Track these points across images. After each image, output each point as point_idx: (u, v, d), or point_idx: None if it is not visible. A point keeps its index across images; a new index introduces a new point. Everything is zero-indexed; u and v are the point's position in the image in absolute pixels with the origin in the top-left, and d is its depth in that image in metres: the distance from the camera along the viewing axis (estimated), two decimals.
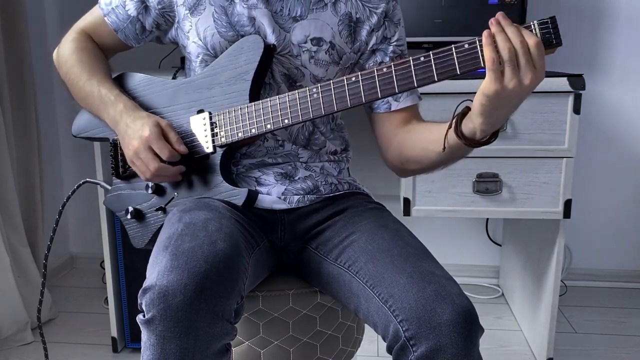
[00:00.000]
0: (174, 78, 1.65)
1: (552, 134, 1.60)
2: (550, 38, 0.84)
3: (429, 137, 1.03)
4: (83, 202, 2.12)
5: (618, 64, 2.18)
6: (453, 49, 0.87)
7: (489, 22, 0.84)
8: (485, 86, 0.86)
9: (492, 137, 0.94)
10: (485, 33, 0.84)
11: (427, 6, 1.85)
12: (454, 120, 0.95)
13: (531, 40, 0.83)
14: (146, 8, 1.12)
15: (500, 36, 0.83)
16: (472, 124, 0.91)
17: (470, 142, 0.94)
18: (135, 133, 1.03)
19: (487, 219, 2.34)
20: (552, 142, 1.61)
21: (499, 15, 0.84)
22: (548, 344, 1.76)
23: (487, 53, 0.84)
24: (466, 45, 0.87)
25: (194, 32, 1.10)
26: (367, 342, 1.50)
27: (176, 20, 1.12)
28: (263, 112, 1.03)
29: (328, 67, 1.10)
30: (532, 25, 0.84)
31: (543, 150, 1.62)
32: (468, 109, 0.93)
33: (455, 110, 0.96)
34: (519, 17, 1.82)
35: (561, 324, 2.07)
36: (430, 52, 0.90)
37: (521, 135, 1.61)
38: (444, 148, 0.97)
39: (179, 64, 1.85)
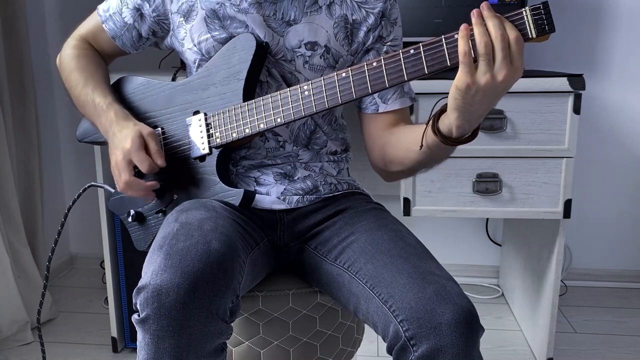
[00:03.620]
0: (173, 78, 1.65)
1: (552, 134, 1.60)
2: (543, 24, 0.81)
3: (410, 137, 1.01)
4: (83, 202, 2.11)
5: (618, 64, 2.17)
6: (443, 39, 0.85)
7: (471, 13, 0.82)
8: (457, 79, 0.84)
9: (470, 136, 0.92)
10: (462, 26, 0.82)
11: (427, 6, 1.85)
12: (430, 118, 0.94)
13: (512, 34, 0.80)
14: (141, 16, 1.13)
15: (478, 29, 0.81)
16: (448, 120, 0.89)
17: (447, 140, 0.92)
18: (119, 143, 1.03)
19: (487, 219, 2.34)
20: (552, 142, 1.61)
21: (483, 5, 0.82)
22: (548, 344, 1.76)
23: (461, 45, 0.81)
24: (456, 36, 0.84)
25: (189, 38, 1.10)
26: (367, 342, 1.50)
27: (171, 28, 1.13)
28: (256, 112, 1.02)
29: (323, 72, 1.09)
30: (524, 12, 0.82)
31: (543, 150, 1.62)
32: (446, 107, 0.91)
33: (433, 109, 0.94)
34: None
35: (561, 324, 2.07)
36: (420, 44, 0.88)
37: (521, 135, 1.61)
38: (422, 146, 0.96)
39: (179, 64, 1.85)
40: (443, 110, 0.92)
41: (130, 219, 1.14)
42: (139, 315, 0.85)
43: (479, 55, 0.81)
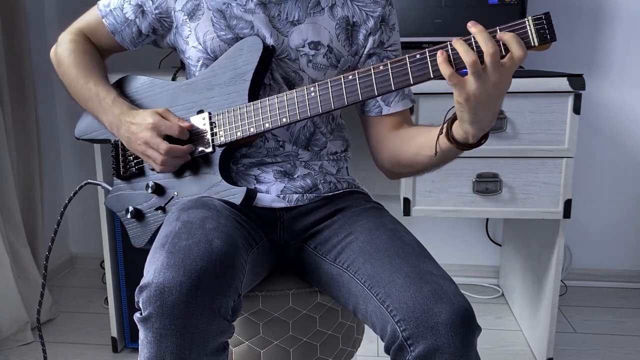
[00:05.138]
0: (173, 78, 1.65)
1: (552, 134, 1.60)
2: (545, 33, 0.85)
3: (421, 141, 1.04)
4: (83, 202, 2.12)
5: (618, 64, 2.18)
6: (449, 45, 0.88)
7: (453, 42, 0.85)
8: (455, 95, 0.88)
9: (483, 138, 0.95)
10: (438, 53, 0.86)
11: (427, 6, 1.85)
12: (444, 126, 0.96)
13: (489, 47, 0.82)
14: (143, 12, 1.13)
15: (460, 48, 0.84)
16: (462, 130, 0.92)
17: (463, 146, 0.95)
18: (140, 126, 1.05)
19: (487, 219, 2.34)
20: (552, 142, 1.61)
21: (470, 24, 0.84)
22: (548, 344, 1.76)
23: (443, 69, 0.86)
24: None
25: (194, 37, 1.11)
26: (367, 342, 1.50)
27: (174, 26, 1.13)
28: (262, 111, 1.03)
29: (326, 71, 1.11)
30: (527, 22, 0.85)
31: (543, 150, 1.62)
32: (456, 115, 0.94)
33: (446, 116, 0.97)
34: (518, 17, 1.81)
35: (561, 324, 2.07)
36: (426, 49, 0.90)
37: (521, 135, 1.61)
38: (436, 153, 0.98)
39: (179, 64, 1.85)
40: (455, 118, 0.94)
41: (129, 216, 1.14)
42: (141, 314, 0.85)
43: (469, 72, 0.84)
